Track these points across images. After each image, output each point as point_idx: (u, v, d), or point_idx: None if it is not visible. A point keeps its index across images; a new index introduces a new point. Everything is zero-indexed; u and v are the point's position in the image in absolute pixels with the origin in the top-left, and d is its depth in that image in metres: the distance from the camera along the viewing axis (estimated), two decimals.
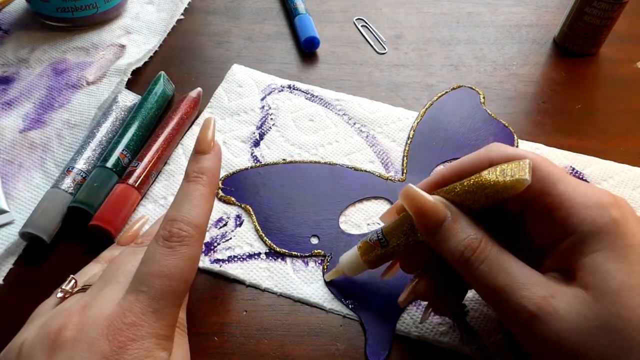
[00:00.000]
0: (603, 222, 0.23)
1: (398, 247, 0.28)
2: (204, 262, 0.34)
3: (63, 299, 0.27)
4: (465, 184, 0.25)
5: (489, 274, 0.23)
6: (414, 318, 0.32)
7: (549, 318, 0.22)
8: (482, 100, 0.46)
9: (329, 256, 0.35)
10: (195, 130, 0.42)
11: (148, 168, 0.37)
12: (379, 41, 0.52)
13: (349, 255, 0.31)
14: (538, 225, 0.25)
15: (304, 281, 0.34)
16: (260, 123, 0.43)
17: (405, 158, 0.41)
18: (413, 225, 0.27)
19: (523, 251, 0.25)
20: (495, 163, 0.25)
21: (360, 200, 0.38)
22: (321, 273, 0.34)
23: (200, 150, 0.28)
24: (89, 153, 0.39)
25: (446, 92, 0.46)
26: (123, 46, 0.50)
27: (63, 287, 0.28)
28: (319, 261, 0.35)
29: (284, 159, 0.40)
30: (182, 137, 0.42)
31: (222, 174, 0.39)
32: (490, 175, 0.24)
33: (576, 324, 0.22)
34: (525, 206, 0.25)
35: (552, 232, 0.24)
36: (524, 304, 0.22)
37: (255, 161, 0.40)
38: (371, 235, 0.29)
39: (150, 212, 0.37)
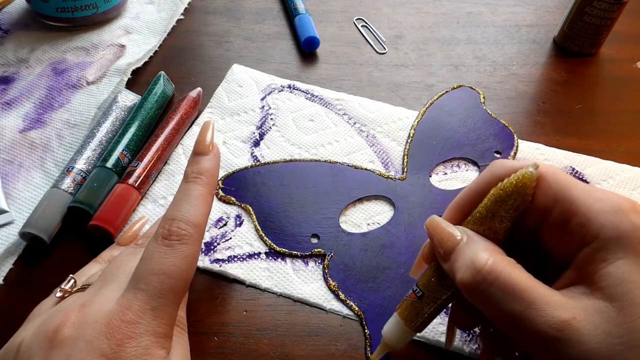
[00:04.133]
0: (624, 227, 0.21)
1: (435, 295, 0.26)
2: (204, 262, 0.34)
3: (62, 298, 0.27)
4: (480, 206, 0.25)
5: (502, 297, 0.22)
6: None
7: (573, 341, 0.21)
8: (482, 100, 0.46)
9: (329, 255, 0.35)
10: (195, 130, 0.42)
11: (148, 168, 0.37)
12: (379, 41, 0.52)
13: (390, 323, 0.28)
14: (556, 235, 0.24)
15: (304, 281, 0.34)
16: (260, 123, 0.43)
17: (405, 157, 0.41)
18: (445, 272, 0.25)
19: (540, 270, 0.24)
20: (503, 179, 0.25)
21: (360, 200, 0.38)
22: (321, 273, 0.34)
23: (199, 151, 0.29)
24: (89, 153, 0.39)
25: (446, 91, 0.46)
26: (123, 46, 0.50)
27: (62, 286, 0.28)
28: (319, 261, 0.35)
29: (284, 159, 0.40)
30: (182, 137, 0.42)
31: (222, 173, 0.39)
32: (499, 185, 0.24)
33: (602, 342, 0.20)
34: (541, 216, 0.24)
35: (571, 241, 0.23)
36: (544, 329, 0.21)
37: (255, 161, 0.40)
38: (406, 293, 0.28)
39: (150, 212, 0.37)
